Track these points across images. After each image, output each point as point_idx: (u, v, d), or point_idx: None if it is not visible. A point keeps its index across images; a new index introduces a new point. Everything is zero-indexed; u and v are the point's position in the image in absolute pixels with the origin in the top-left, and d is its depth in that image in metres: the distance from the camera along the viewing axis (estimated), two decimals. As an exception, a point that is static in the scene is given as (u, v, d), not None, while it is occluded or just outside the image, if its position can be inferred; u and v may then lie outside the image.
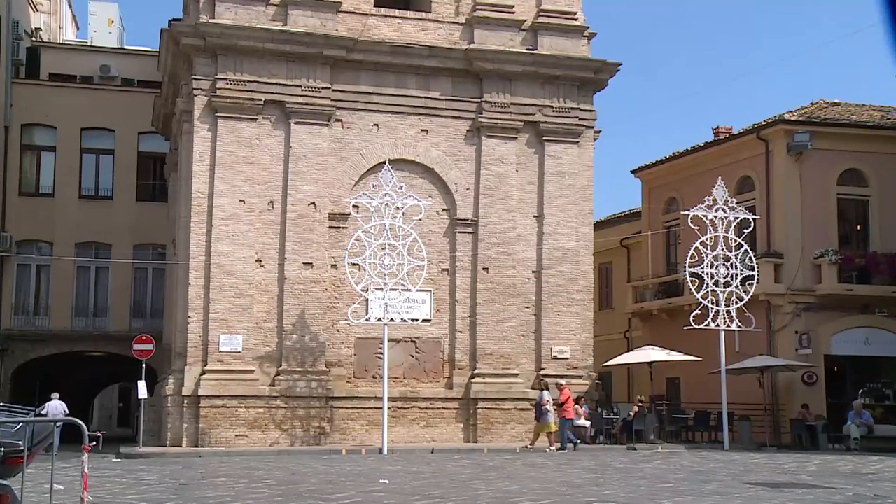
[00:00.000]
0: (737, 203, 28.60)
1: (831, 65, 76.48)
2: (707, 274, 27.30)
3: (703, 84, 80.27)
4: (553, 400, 25.44)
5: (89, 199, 37.07)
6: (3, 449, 9.17)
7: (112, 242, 36.50)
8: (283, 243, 26.57)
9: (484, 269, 27.82)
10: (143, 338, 27.63)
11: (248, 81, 26.60)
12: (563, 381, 26.33)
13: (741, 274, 27.36)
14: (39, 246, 36.63)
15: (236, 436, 25.34)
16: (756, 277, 27.84)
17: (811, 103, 34.81)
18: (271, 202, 26.73)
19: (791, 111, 33.33)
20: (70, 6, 48.00)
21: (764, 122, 32.56)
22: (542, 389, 25.83)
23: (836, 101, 35.36)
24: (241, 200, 26.33)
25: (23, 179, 37.15)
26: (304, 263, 26.58)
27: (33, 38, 41.18)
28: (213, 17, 26.50)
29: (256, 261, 26.42)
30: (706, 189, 28.29)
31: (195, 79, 26.50)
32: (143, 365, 27.25)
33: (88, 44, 43.34)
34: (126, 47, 43.37)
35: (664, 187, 36.52)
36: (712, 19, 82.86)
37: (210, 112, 26.41)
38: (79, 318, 36.39)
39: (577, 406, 27.31)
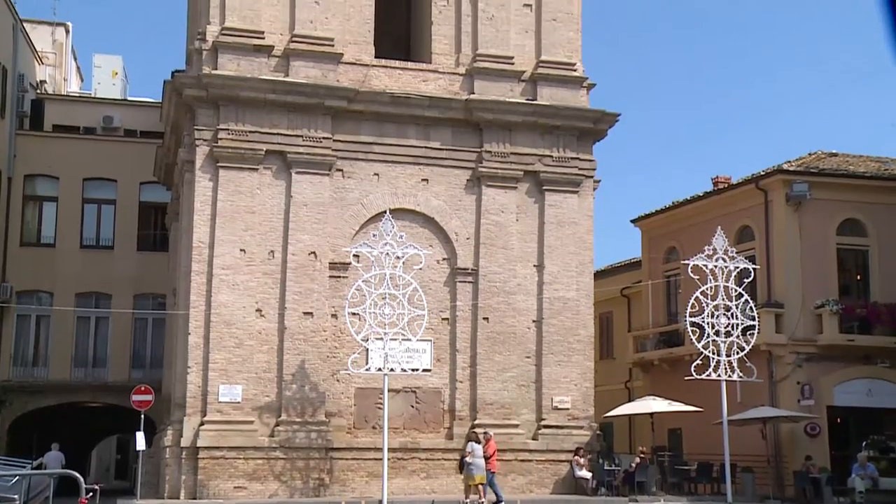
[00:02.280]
0: (737, 252, 28.63)
1: (828, 115, 77.02)
2: (708, 324, 27.24)
3: (702, 133, 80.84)
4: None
5: (90, 249, 37.16)
6: None
7: (112, 292, 36.51)
8: (284, 293, 26.55)
9: (484, 318, 27.77)
10: (143, 388, 27.50)
11: (250, 132, 26.77)
12: (491, 432, 25.86)
13: (742, 324, 27.30)
14: (40, 296, 36.64)
15: (235, 487, 25.10)
16: (757, 327, 27.79)
17: (809, 154, 35.00)
18: (272, 252, 26.76)
19: (789, 161, 33.50)
20: (75, 59, 48.49)
21: (763, 172, 32.71)
22: (472, 441, 25.17)
23: (833, 151, 35.57)
24: (241, 250, 26.37)
25: (24, 230, 37.28)
26: (305, 313, 26.54)
27: (38, 91, 41.58)
28: (216, 69, 26.74)
29: (256, 310, 26.37)
30: (706, 238, 28.33)
31: (197, 129, 26.67)
32: (142, 416, 27.09)
33: (92, 95, 43.76)
34: (129, 98, 43.79)
35: (664, 237, 36.59)
36: (710, 68, 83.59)
37: (212, 162, 26.54)
38: (78, 368, 36.29)
39: (577, 457, 27.09)
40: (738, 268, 27.81)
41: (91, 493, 14.22)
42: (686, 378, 27.45)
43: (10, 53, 37.88)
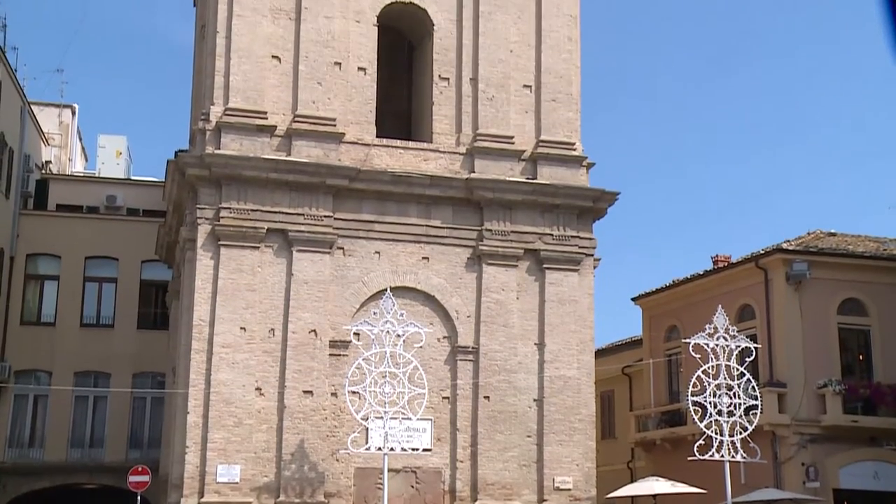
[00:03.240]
0: (738, 331, 28.55)
1: (825, 195, 77.59)
2: (710, 403, 27.00)
3: (701, 211, 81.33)
4: None
5: (90, 328, 37.12)
6: None
7: (111, 371, 36.35)
8: (284, 371, 26.43)
9: (485, 397, 27.59)
10: (140, 469, 27.22)
11: (252, 210, 26.95)
12: None
13: (744, 403, 27.06)
14: (38, 375, 36.48)
15: (232, 570, 24.64)
16: (760, 407, 27.58)
17: (808, 233, 35.19)
18: (272, 330, 26.71)
19: (788, 240, 33.66)
20: (80, 139, 49.09)
21: (762, 252, 32.83)
22: None
23: (832, 231, 35.76)
24: (241, 328, 26.32)
25: (25, 308, 37.31)
26: (304, 392, 26.39)
27: (43, 171, 42.03)
28: (219, 148, 27.03)
29: (256, 389, 26.22)
30: (706, 317, 28.28)
31: (199, 208, 26.85)
32: (139, 497, 26.74)
33: (96, 175, 44.20)
34: (133, 178, 44.21)
35: (664, 315, 36.56)
36: (709, 147, 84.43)
37: (213, 240, 26.66)
38: (74, 449, 35.94)
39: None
40: (739, 347, 27.68)
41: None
42: (689, 458, 27.13)
43: (17, 135, 38.41)
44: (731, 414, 26.91)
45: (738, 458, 26.61)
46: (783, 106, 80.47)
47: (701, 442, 26.75)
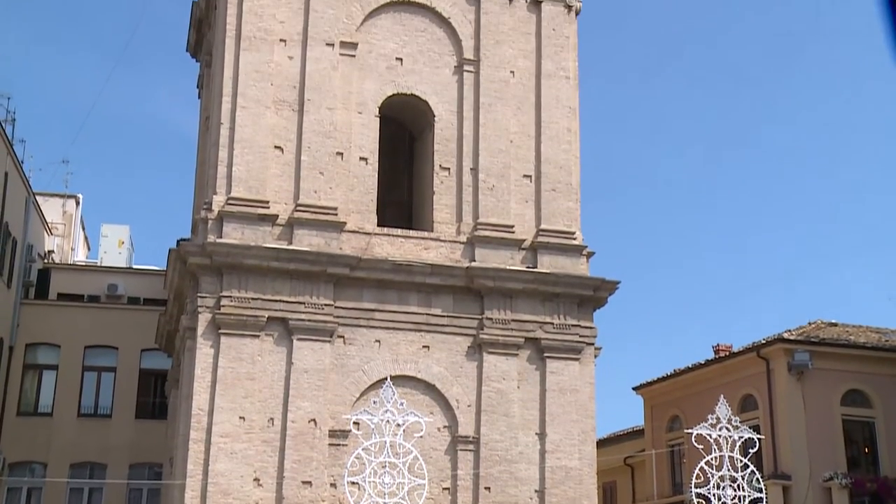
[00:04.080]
0: (740, 422, 28.26)
1: (826, 285, 77.73)
2: (714, 496, 26.56)
3: (702, 300, 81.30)
4: None
5: (88, 418, 36.80)
6: None
7: (108, 462, 35.89)
8: (282, 461, 26.13)
9: (486, 488, 27.20)
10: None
11: (252, 299, 26.98)
12: None
13: (749, 496, 26.63)
14: (33, 467, 36.01)
15: None
16: (765, 500, 27.13)
17: (809, 323, 35.16)
18: (271, 419, 26.50)
19: (790, 330, 33.62)
20: (83, 229, 49.44)
21: (763, 341, 32.76)
22: None
23: (833, 321, 35.75)
24: (240, 417, 26.11)
25: (22, 399, 37.06)
26: (303, 482, 26.04)
27: (45, 260, 42.19)
28: (221, 237, 27.18)
29: (254, 479, 25.88)
30: (709, 407, 28.03)
31: (200, 296, 26.88)
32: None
33: (98, 264, 44.35)
34: (134, 266, 44.36)
35: (666, 405, 36.30)
36: (709, 236, 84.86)
37: (213, 329, 26.63)
38: (68, 543, 35.28)
39: None
40: (742, 437, 27.37)
41: None
42: (694, 552, 26.59)
43: (21, 226, 38.71)
44: (735, 506, 26.47)
45: (744, 551, 26.06)
46: (783, 195, 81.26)
47: (706, 535, 26.25)
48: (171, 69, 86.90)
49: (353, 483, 24.37)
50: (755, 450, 27.76)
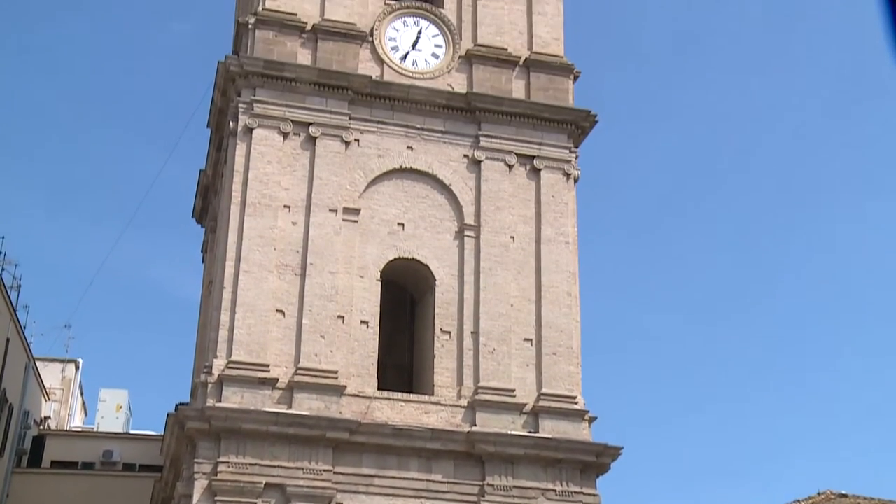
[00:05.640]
0: None
1: (835, 455, 76.40)
2: None
3: (707, 468, 79.70)
4: None
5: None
6: None
7: None
8: None
9: None
10: None
11: (250, 464, 26.53)
12: None
13: None
14: None
15: None
16: None
17: (819, 493, 34.37)
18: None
19: (799, 500, 32.87)
20: (81, 394, 49.10)
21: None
22: None
23: (843, 492, 34.97)
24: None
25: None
26: None
27: (41, 427, 41.71)
28: (220, 401, 26.96)
29: None
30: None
31: (197, 462, 26.45)
32: None
33: (94, 430, 43.83)
34: (131, 432, 43.82)
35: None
36: (713, 401, 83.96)
37: (210, 496, 26.06)
38: None
39: None
40: None
41: None
42: None
43: (18, 392, 38.44)
44: None
45: None
46: (790, 356, 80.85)
47: None
48: (175, 235, 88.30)
49: None
50: None
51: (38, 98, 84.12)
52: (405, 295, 32.41)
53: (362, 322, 29.26)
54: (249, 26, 30.98)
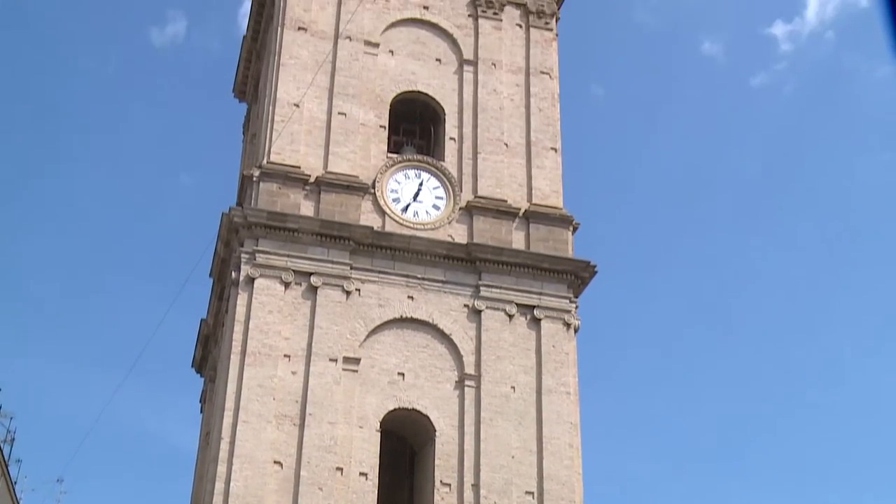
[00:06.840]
0: None
1: None
2: None
3: None
4: None
5: None
6: None
7: None
8: None
9: None
10: None
11: None
12: None
13: None
14: None
15: None
16: None
17: None
18: None
19: None
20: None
21: None
22: None
23: None
24: None
25: None
26: None
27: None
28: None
29: None
30: None
31: None
32: None
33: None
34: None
35: None
36: (717, 481, 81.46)
37: None
38: None
39: None
40: None
41: None
42: None
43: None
44: None
45: None
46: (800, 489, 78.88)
47: None
48: (174, 385, 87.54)
49: None
50: None
51: (41, 245, 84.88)
52: (405, 446, 31.97)
53: (361, 474, 28.75)
54: (254, 178, 31.57)
